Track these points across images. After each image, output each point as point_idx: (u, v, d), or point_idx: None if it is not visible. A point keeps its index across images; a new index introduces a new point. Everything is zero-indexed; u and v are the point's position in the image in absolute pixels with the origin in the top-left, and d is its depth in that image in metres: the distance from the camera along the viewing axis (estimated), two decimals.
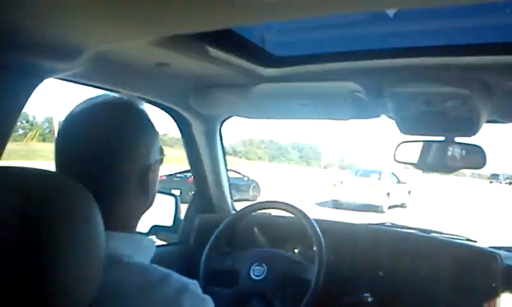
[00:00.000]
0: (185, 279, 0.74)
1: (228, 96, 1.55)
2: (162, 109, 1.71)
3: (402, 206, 15.15)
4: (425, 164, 1.43)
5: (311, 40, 1.30)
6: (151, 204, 0.81)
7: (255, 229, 1.79)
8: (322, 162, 65.38)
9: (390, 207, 13.99)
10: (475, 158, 1.38)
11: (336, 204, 13.66)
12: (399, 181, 15.46)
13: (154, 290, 0.70)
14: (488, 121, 1.38)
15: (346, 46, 1.24)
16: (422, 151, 1.43)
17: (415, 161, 1.45)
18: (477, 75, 1.14)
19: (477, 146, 1.37)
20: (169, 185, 9.66)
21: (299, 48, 1.32)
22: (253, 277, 1.55)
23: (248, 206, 1.76)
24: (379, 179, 14.28)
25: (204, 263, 1.60)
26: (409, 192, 16.06)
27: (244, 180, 14.78)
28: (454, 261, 1.57)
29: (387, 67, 1.22)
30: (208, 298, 0.76)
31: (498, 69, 1.11)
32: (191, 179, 2.23)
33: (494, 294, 1.50)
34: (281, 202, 1.72)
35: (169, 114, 1.78)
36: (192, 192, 2.11)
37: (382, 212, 13.13)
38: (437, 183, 33.22)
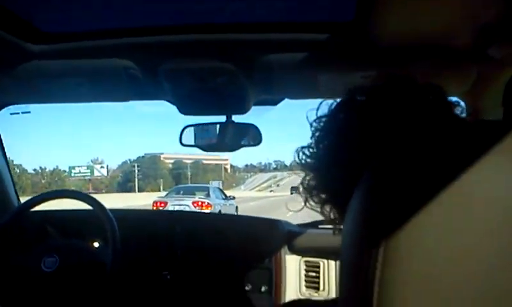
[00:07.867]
0: None
1: None
2: None
3: None
4: (209, 145, 1.49)
5: (80, 16, 1.24)
6: None
7: (48, 226, 1.65)
8: None
9: None
10: (252, 136, 1.49)
11: None
12: (226, 198, 15.12)
13: None
14: (260, 103, 1.49)
15: (116, 22, 1.22)
16: (204, 133, 1.48)
17: (200, 143, 1.50)
18: (241, 51, 1.23)
19: (252, 125, 1.48)
20: None
21: (68, 24, 1.25)
22: (45, 269, 1.44)
23: (32, 197, 1.61)
24: (207, 196, 13.71)
25: None
26: (237, 208, 15.66)
27: None
28: (242, 233, 1.73)
29: (158, 43, 1.23)
30: None
31: (258, 45, 1.21)
32: None
33: (279, 255, 1.68)
34: (70, 191, 1.62)
35: None
36: None
37: None
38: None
